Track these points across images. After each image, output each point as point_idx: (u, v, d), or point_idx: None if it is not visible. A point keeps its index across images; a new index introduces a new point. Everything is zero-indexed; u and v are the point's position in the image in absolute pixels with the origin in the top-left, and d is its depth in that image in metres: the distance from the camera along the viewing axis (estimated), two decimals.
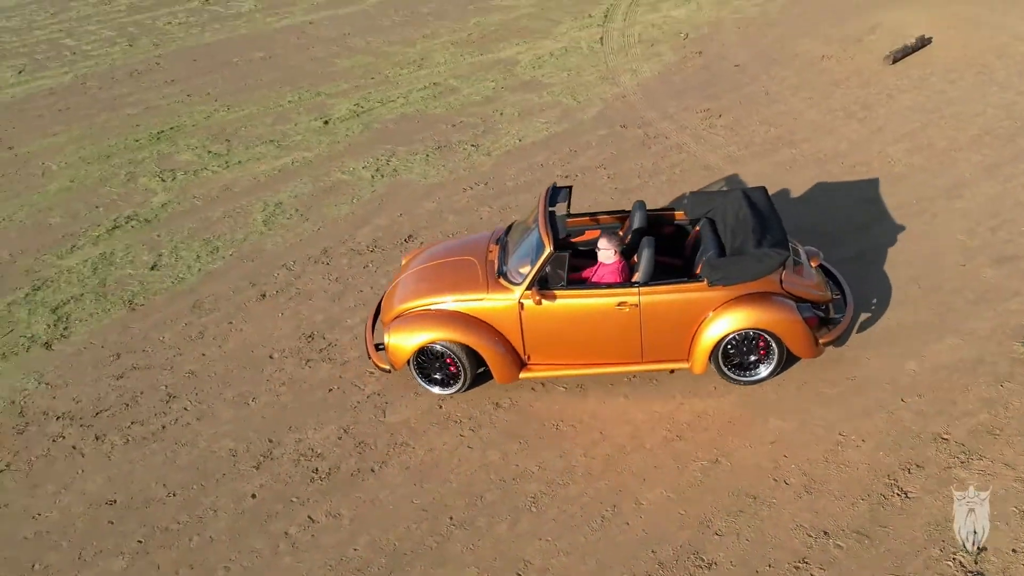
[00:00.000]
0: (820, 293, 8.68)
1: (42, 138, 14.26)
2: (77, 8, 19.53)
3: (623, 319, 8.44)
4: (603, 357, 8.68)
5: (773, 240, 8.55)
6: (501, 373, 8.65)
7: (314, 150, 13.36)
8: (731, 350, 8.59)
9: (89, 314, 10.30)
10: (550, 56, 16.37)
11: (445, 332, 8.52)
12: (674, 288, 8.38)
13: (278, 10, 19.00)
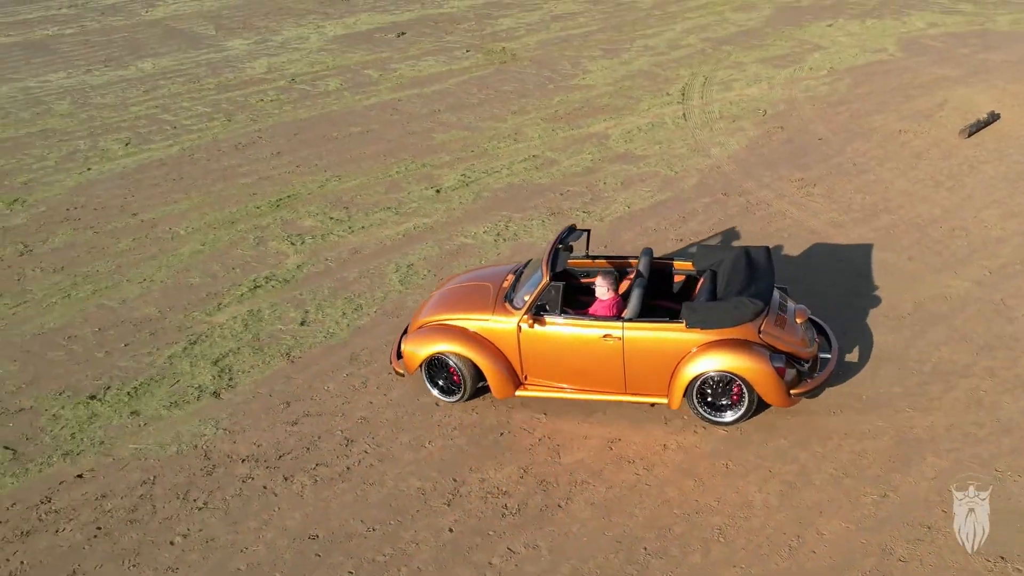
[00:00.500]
0: (800, 347, 9.36)
1: (164, 205, 14.99)
2: (166, 86, 20.49)
3: (607, 350, 9.37)
4: (590, 384, 9.64)
5: (755, 292, 9.33)
6: (498, 388, 9.73)
7: (432, 216, 14.09)
8: (707, 391, 9.35)
9: (250, 366, 10.87)
10: (638, 131, 17.25)
11: (452, 346, 9.69)
12: (656, 327, 9.26)
13: (364, 89, 19.97)
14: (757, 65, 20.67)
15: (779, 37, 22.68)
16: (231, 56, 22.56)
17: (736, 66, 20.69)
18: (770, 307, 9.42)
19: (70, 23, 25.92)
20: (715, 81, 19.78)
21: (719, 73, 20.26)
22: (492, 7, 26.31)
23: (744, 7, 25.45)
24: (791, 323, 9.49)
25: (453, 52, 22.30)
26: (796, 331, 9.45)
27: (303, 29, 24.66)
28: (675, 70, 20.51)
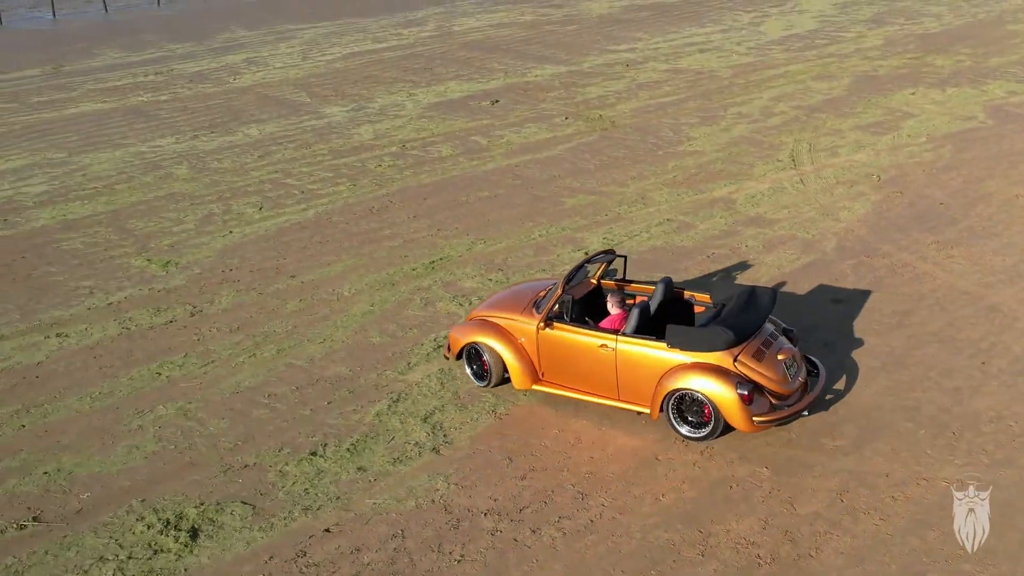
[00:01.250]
0: (775, 381, 10.43)
1: (318, 267, 15.47)
2: (279, 152, 21.11)
3: (604, 358, 10.86)
4: (591, 387, 11.12)
5: (737, 324, 10.48)
6: (517, 379, 11.47)
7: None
8: (683, 406, 10.57)
9: (460, 423, 11.25)
10: (761, 195, 17.83)
11: (485, 338, 11.55)
12: (643, 343, 10.63)
13: (476, 155, 20.59)
14: (855, 132, 21.36)
15: (867, 105, 23.42)
16: (333, 123, 23.23)
17: (835, 133, 21.38)
18: (753, 340, 10.51)
19: (161, 90, 26.64)
20: (819, 147, 20.43)
21: (821, 140, 20.92)
22: (575, 76, 27.13)
23: (823, 77, 26.28)
24: (771, 358, 10.50)
25: (552, 120, 23.00)
26: (775, 366, 10.47)
27: (395, 96, 25.40)
28: (776, 136, 21.18)
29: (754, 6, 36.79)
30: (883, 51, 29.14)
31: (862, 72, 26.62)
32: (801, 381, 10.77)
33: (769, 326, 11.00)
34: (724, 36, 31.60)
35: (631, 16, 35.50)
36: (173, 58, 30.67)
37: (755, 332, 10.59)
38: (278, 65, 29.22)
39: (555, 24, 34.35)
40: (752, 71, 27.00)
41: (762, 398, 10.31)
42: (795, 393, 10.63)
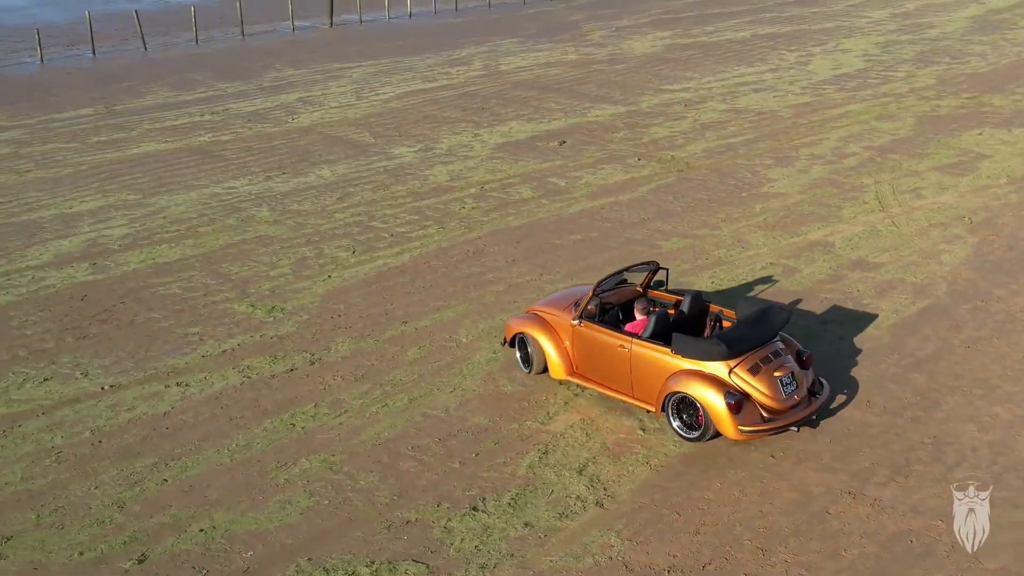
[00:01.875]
0: (768, 396, 11.23)
1: (428, 313, 15.37)
2: (358, 194, 21.05)
3: (621, 357, 11.98)
4: (612, 383, 12.22)
5: (738, 338, 11.43)
6: (554, 369, 12.79)
7: None
8: (682, 408, 11.55)
9: (617, 475, 11.14)
10: (858, 238, 17.81)
11: (530, 329, 12.94)
12: (652, 347, 11.72)
13: (558, 197, 20.58)
14: (933, 173, 21.40)
15: (937, 146, 23.48)
16: (404, 163, 23.20)
17: (913, 174, 21.41)
18: (752, 354, 11.32)
19: (221, 130, 26.61)
20: (902, 189, 20.45)
21: (901, 182, 20.95)
22: (636, 116, 27.19)
23: (885, 117, 26.37)
24: (767, 373, 11.26)
25: (624, 160, 23.01)
26: (770, 381, 11.25)
27: (461, 137, 25.40)
28: (855, 178, 21.20)
29: (797, 45, 37.01)
30: (938, 91, 29.28)
31: (923, 112, 26.73)
32: (797, 399, 11.43)
33: (778, 344, 11.72)
34: (775, 76, 31.75)
35: (675, 55, 35.68)
36: (225, 97, 30.68)
37: (754, 347, 11.40)
38: (334, 105, 29.23)
39: (602, 63, 34.48)
40: (812, 111, 27.09)
41: (752, 409, 11.11)
42: (791, 409, 11.35)
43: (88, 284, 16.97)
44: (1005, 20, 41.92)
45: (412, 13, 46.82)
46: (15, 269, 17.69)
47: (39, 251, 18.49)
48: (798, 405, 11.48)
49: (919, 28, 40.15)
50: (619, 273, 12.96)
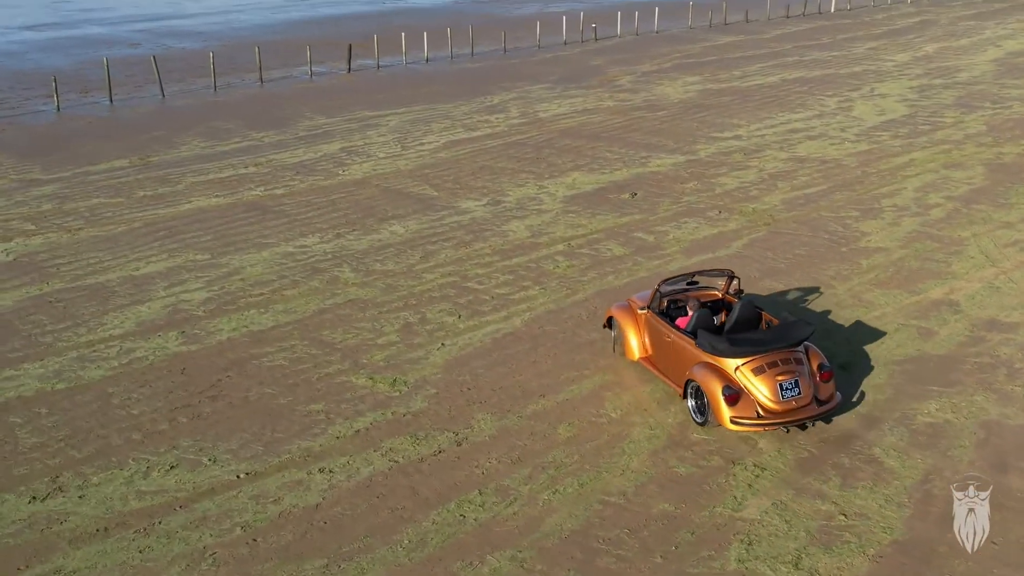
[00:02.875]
0: (766, 397, 12.47)
1: (563, 385, 14.66)
2: (441, 252, 20.31)
3: (666, 345, 13.92)
4: (660, 367, 14.15)
5: (744, 342, 12.83)
6: (628, 350, 14.83)
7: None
8: (698, 395, 13.09)
9: (836, 568, 10.42)
10: (981, 296, 17.35)
11: (618, 314, 15.11)
12: (686, 341, 13.39)
13: (652, 254, 20.00)
14: None
15: (1019, 196, 23.21)
16: (477, 218, 22.51)
17: (1008, 226, 21.06)
18: (760, 357, 12.60)
19: (271, 183, 25.77)
20: (1004, 242, 20.08)
21: (999, 234, 20.57)
22: (698, 166, 26.73)
23: (953, 165, 26.12)
24: (770, 376, 12.48)
25: (705, 214, 22.47)
26: (770, 383, 12.47)
27: (526, 189, 24.77)
28: (951, 231, 20.79)
29: (833, 90, 36.89)
30: (994, 137, 29.13)
31: (988, 160, 26.49)
32: (796, 404, 12.49)
33: (798, 353, 12.82)
34: (823, 122, 31.48)
35: (713, 101, 35.38)
36: (264, 147, 29.83)
37: (763, 352, 12.65)
38: (381, 155, 28.49)
39: (642, 110, 34.09)
40: (876, 159, 26.76)
41: (747, 405, 12.42)
42: (789, 412, 12.47)
43: (184, 356, 16.03)
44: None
45: (429, 58, 46.32)
46: (99, 339, 16.71)
47: (118, 318, 17.53)
48: (798, 409, 12.52)
49: (948, 72, 40.23)
50: (689, 275, 14.93)
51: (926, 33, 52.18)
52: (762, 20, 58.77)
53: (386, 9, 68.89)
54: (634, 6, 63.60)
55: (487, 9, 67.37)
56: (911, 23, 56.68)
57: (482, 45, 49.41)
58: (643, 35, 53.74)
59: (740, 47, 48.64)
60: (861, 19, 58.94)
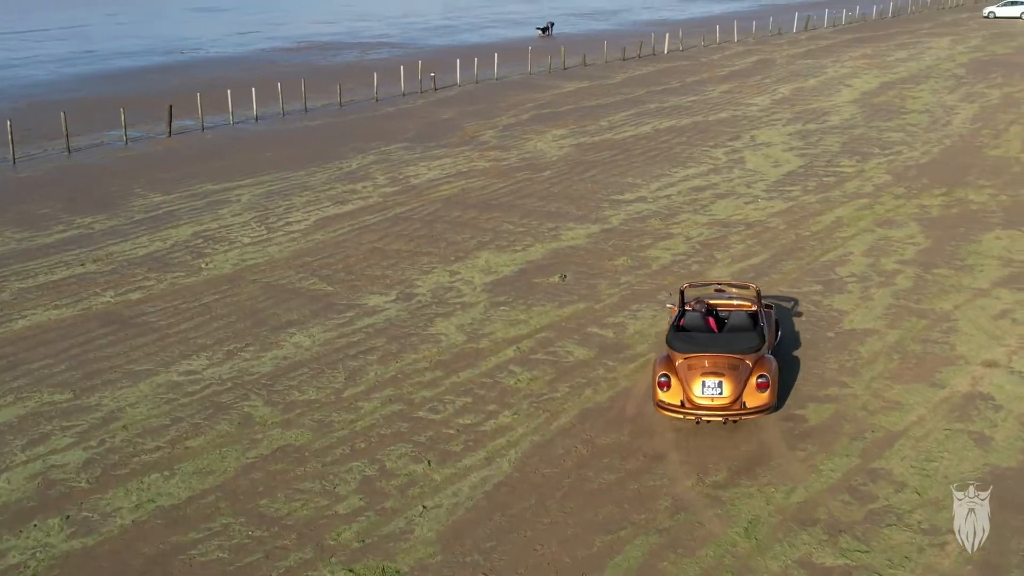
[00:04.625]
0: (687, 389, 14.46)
1: (604, 555, 11.92)
2: (368, 369, 17.17)
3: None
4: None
5: (690, 340, 15.00)
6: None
7: None
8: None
9: None
10: (1009, 385, 15.89)
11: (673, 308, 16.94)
12: (666, 334, 15.52)
13: (621, 356, 17.61)
14: (1001, 291, 20.10)
15: (973, 256, 22.38)
16: (393, 319, 19.49)
17: (983, 293, 20.03)
18: (701, 355, 14.55)
19: (121, 284, 21.69)
20: (992, 313, 18.98)
21: (980, 304, 19.51)
22: (616, 236, 24.65)
23: (885, 223, 25.27)
24: (697, 374, 14.36)
25: (655, 298, 20.38)
26: (694, 380, 14.36)
27: (435, 276, 21.91)
28: (929, 303, 19.54)
29: (713, 140, 35.89)
30: (905, 187, 28.62)
31: (916, 215, 25.76)
32: (714, 402, 14.24)
33: (742, 361, 14.49)
34: (722, 178, 30.20)
35: (594, 157, 33.60)
36: (96, 236, 25.55)
37: (702, 352, 14.58)
38: (246, 241, 24.87)
39: (523, 171, 31.84)
40: (802, 220, 25.52)
41: (675, 394, 14.36)
42: (708, 409, 14.27)
43: (77, 557, 12.26)
44: (888, 103, 42.84)
45: (259, 116, 42.57)
46: None
47: None
48: (719, 408, 14.25)
49: (816, 116, 40.20)
50: (717, 284, 17.77)
51: (770, 74, 52.78)
52: (600, 63, 58.16)
53: (185, 61, 64.07)
54: (462, 51, 61.82)
55: (302, 58, 63.89)
56: (750, 63, 57.41)
57: (313, 99, 46.06)
58: (484, 83, 51.83)
59: (592, 94, 47.45)
60: (698, 60, 59.30)
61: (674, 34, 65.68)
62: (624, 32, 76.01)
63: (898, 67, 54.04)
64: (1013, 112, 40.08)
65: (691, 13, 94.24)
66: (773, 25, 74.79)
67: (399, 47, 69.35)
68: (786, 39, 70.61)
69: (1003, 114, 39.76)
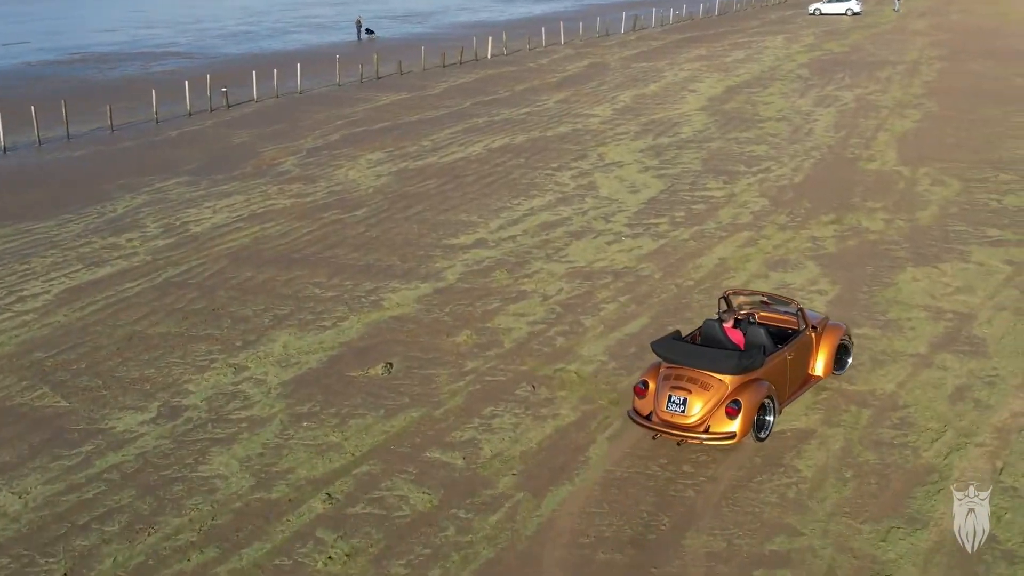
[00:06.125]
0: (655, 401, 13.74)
1: None
2: (103, 552, 11.68)
3: None
4: None
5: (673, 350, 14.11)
6: None
7: None
8: None
9: None
10: (1018, 510, 11.79)
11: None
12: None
13: (476, 498, 12.67)
14: (945, 357, 16.24)
15: (894, 307, 18.58)
16: (148, 451, 13.97)
17: (927, 363, 16.19)
18: (677, 368, 13.68)
19: None
20: (956, 391, 15.00)
21: (929, 377, 15.56)
22: (451, 296, 19.74)
23: (777, 264, 21.22)
24: (667, 386, 13.53)
25: (514, 393, 15.59)
26: (662, 394, 13.54)
27: (216, 375, 16.41)
28: (867, 384, 15.39)
29: (556, 161, 31.42)
30: (786, 214, 24.88)
31: (809, 251, 21.93)
32: (675, 419, 13.32)
33: (718, 378, 13.38)
34: (574, 210, 25.72)
35: (418, 188, 28.57)
36: None
37: (678, 364, 13.68)
38: None
39: (333, 209, 26.48)
40: (678, 264, 21.26)
41: (647, 404, 13.73)
42: (668, 424, 13.41)
43: None
44: (740, 110, 39.51)
45: (6, 147, 35.54)
46: None
47: None
48: (680, 428, 13.30)
49: (666, 128, 36.37)
50: (763, 297, 16.31)
51: (606, 79, 49.00)
52: (418, 71, 53.17)
53: None
54: (261, 60, 55.73)
55: (71, 72, 56.31)
56: (581, 68, 53.59)
57: (80, 123, 39.23)
58: (286, 97, 45.96)
59: (411, 107, 42.39)
60: (526, 65, 55.07)
61: (497, 37, 61.29)
62: (442, 36, 71.34)
63: (739, 69, 51.24)
64: (873, 117, 37.36)
65: (512, 14, 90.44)
66: (600, 26, 71.47)
67: (189, 57, 62.43)
68: (615, 40, 67.41)
69: (864, 119, 36.97)
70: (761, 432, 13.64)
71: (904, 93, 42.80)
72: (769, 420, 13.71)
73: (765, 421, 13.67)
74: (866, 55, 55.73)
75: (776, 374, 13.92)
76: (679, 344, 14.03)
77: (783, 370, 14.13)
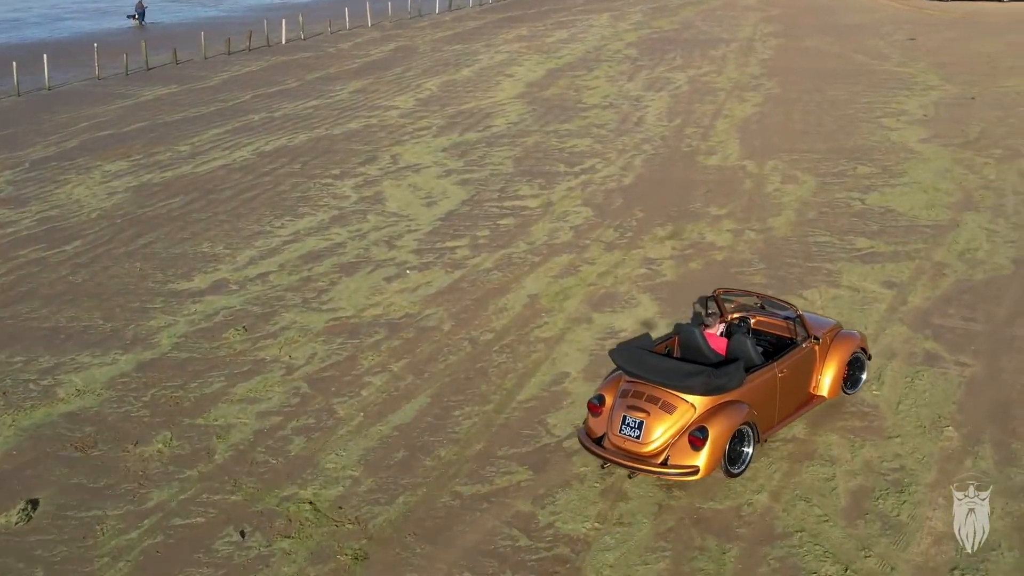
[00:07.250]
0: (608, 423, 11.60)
1: None
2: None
3: None
4: None
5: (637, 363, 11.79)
6: None
7: None
8: None
9: None
10: None
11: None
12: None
13: None
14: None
15: None
16: None
17: (800, 446, 11.71)
18: (637, 385, 11.41)
19: None
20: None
21: (799, 470, 11.14)
22: (160, 375, 14.47)
23: (603, 300, 16.73)
24: (623, 406, 11.34)
25: (212, 545, 10.42)
26: (616, 414, 11.34)
27: None
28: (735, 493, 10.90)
29: (338, 165, 26.19)
30: (617, 228, 20.46)
31: (647, 281, 17.55)
32: (628, 446, 11.13)
33: (683, 398, 11.12)
34: (350, 232, 20.63)
35: (160, 209, 22.89)
36: None
37: (638, 377, 11.42)
38: None
39: (34, 244, 20.50)
40: (476, 308, 16.51)
41: (599, 424, 11.55)
42: (620, 449, 11.19)
43: None
44: (562, 96, 35.04)
45: None
46: None
47: None
48: (633, 453, 11.15)
49: (476, 120, 31.57)
50: (763, 299, 13.78)
51: (413, 65, 43.93)
52: (198, 60, 46.86)
53: None
54: (16, 51, 48.40)
55: None
56: (387, 52, 48.34)
57: None
58: (30, 95, 39.13)
59: (177, 103, 36.35)
60: (324, 51, 49.42)
61: (293, 20, 55.44)
62: (233, 19, 64.85)
63: (561, 50, 46.98)
64: (710, 102, 33.50)
65: None
66: (412, 6, 66.27)
67: None
68: (428, 21, 62.36)
69: (700, 104, 33.07)
70: (734, 467, 11.32)
71: (741, 73, 39.29)
72: (746, 452, 11.43)
73: (741, 453, 11.39)
74: (697, 32, 52.39)
75: (761, 395, 11.55)
76: (641, 353, 11.73)
77: (771, 390, 11.71)
